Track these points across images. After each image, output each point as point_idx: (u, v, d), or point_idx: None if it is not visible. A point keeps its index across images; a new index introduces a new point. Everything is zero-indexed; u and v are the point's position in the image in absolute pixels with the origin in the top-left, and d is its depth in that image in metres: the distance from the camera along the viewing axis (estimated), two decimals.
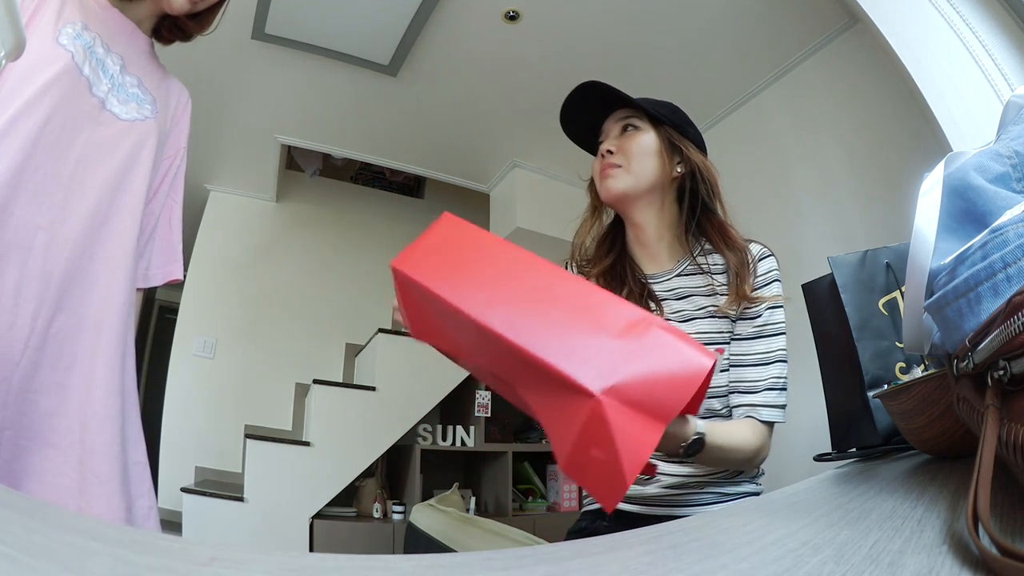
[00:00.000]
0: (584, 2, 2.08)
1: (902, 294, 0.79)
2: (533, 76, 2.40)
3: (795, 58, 2.19)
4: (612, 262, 0.92)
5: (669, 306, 0.88)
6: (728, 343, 0.85)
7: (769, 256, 0.89)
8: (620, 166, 0.88)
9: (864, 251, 0.83)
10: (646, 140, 0.88)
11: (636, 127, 0.90)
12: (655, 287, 0.90)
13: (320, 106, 2.74)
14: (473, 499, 2.94)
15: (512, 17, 2.16)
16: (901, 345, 0.76)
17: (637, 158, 0.87)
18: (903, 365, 0.77)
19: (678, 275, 0.90)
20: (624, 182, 0.88)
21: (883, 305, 0.80)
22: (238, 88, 2.56)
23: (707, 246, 0.90)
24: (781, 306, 0.86)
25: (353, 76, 2.50)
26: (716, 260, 0.89)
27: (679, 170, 0.90)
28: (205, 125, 2.79)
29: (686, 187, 0.90)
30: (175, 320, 3.17)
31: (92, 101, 0.76)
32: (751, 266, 0.86)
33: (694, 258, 0.88)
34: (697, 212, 0.90)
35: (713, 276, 0.87)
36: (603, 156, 0.89)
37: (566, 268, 0.96)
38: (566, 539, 0.61)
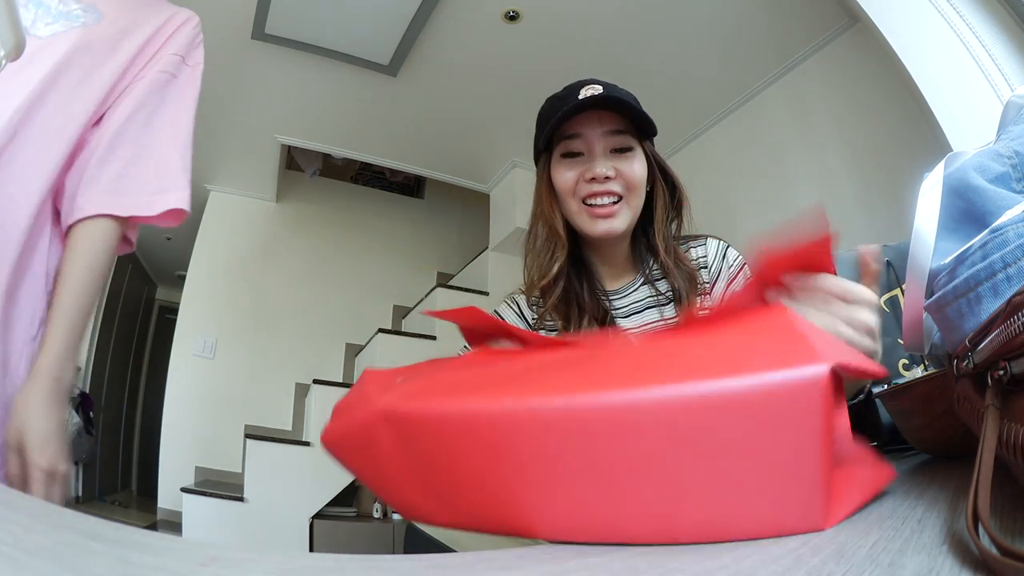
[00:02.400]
0: (584, 2, 2.08)
1: (903, 292, 0.79)
2: (533, 76, 2.40)
3: (795, 58, 2.19)
4: (564, 288, 0.78)
5: (639, 319, 0.79)
6: None
7: (728, 245, 0.84)
8: (619, 199, 0.75)
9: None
10: (640, 165, 0.76)
11: (630, 148, 0.76)
12: (619, 302, 0.81)
13: (320, 106, 2.74)
14: None
15: (512, 17, 2.16)
16: (902, 342, 0.76)
17: (636, 190, 0.76)
18: (906, 362, 0.77)
19: (643, 284, 0.82)
20: (626, 220, 0.76)
21: (884, 303, 0.80)
22: (238, 88, 2.56)
23: (654, 267, 0.81)
24: None
25: (353, 76, 2.50)
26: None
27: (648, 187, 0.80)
28: (205, 125, 2.78)
29: (655, 198, 0.80)
30: (175, 320, 3.18)
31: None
32: (701, 285, 0.79)
33: (647, 277, 0.81)
34: (663, 229, 0.80)
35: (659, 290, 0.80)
36: (594, 179, 0.74)
37: (516, 310, 0.82)
38: None
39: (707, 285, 0.80)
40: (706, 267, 0.81)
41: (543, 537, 0.29)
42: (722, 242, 0.84)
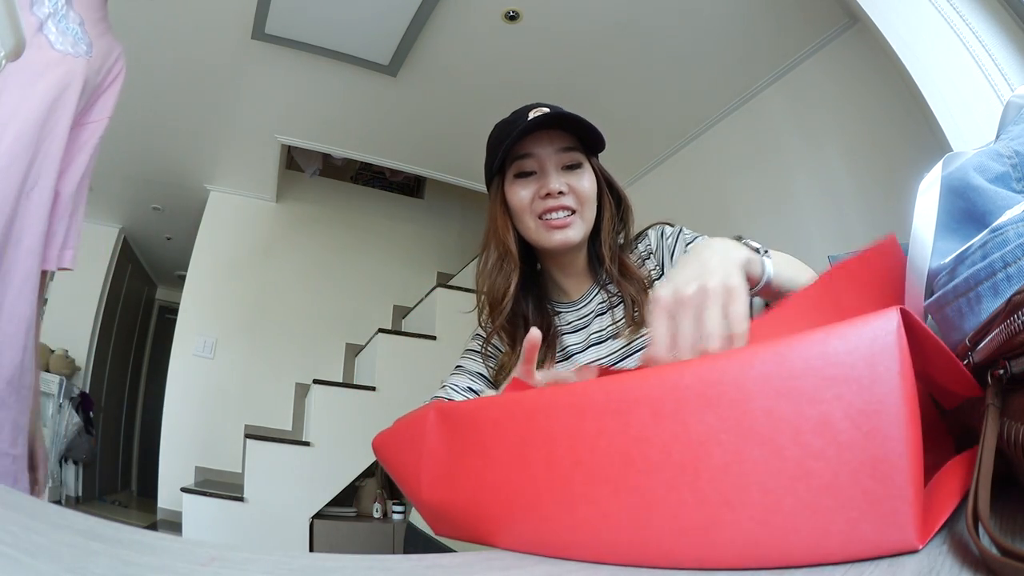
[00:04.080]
0: (584, 2, 2.08)
1: None
2: (533, 76, 2.40)
3: (795, 58, 2.19)
4: (512, 308, 0.79)
5: (598, 323, 0.82)
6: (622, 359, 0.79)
7: (665, 224, 0.86)
8: (573, 212, 0.78)
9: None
10: (590, 180, 0.79)
11: (580, 164, 0.80)
12: (583, 310, 0.83)
13: (320, 106, 2.74)
14: None
15: (512, 17, 2.16)
16: None
17: (588, 203, 0.79)
18: None
19: (599, 290, 0.84)
20: (580, 231, 0.79)
21: None
22: (238, 88, 2.56)
23: (604, 274, 0.84)
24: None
25: (353, 76, 2.50)
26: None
27: None
28: (205, 125, 2.79)
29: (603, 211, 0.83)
30: (175, 320, 3.18)
31: (30, 18, 0.72)
32: (650, 285, 0.81)
33: (601, 284, 0.84)
34: (609, 239, 0.83)
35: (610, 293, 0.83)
36: (549, 195, 0.77)
37: (483, 339, 0.85)
38: None
39: (657, 268, 0.83)
40: (652, 252, 0.85)
41: (560, 556, 0.27)
42: (658, 226, 0.87)
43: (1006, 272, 0.30)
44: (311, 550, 2.54)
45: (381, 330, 3.11)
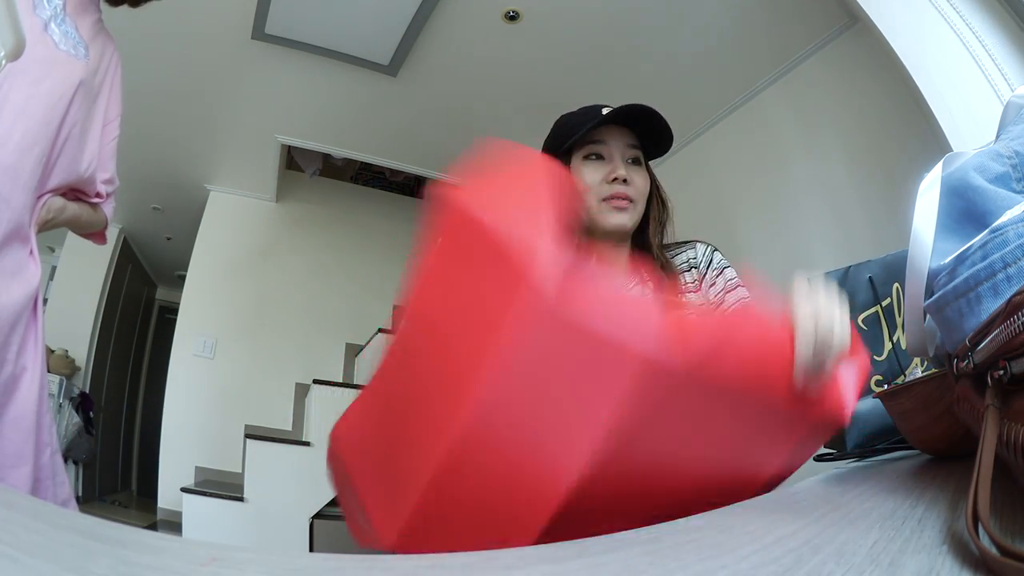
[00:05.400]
0: (584, 2, 2.08)
1: (883, 308, 0.81)
2: (533, 76, 2.40)
3: (795, 58, 2.19)
4: None
5: None
6: None
7: (715, 249, 0.90)
8: (633, 201, 0.84)
9: (847, 267, 0.85)
10: (645, 179, 0.86)
11: (640, 162, 0.87)
12: None
13: (320, 106, 2.74)
14: None
15: (512, 17, 2.16)
16: (880, 359, 0.79)
17: (642, 198, 0.86)
18: (879, 378, 0.79)
19: (636, 284, 0.88)
20: (633, 219, 0.85)
21: (863, 321, 0.82)
22: (238, 88, 2.56)
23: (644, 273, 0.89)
24: (740, 285, 0.86)
25: (353, 76, 2.50)
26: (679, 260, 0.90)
27: None
28: (205, 125, 2.79)
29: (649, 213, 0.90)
30: (175, 320, 3.18)
31: (34, 19, 0.74)
32: (685, 284, 0.86)
33: (641, 278, 0.87)
34: (655, 238, 0.89)
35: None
36: (616, 180, 0.83)
37: None
38: None
39: (695, 283, 0.87)
40: (696, 267, 0.88)
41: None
42: (709, 246, 0.90)
43: (1006, 273, 0.30)
44: (311, 550, 2.54)
45: (381, 330, 3.11)
